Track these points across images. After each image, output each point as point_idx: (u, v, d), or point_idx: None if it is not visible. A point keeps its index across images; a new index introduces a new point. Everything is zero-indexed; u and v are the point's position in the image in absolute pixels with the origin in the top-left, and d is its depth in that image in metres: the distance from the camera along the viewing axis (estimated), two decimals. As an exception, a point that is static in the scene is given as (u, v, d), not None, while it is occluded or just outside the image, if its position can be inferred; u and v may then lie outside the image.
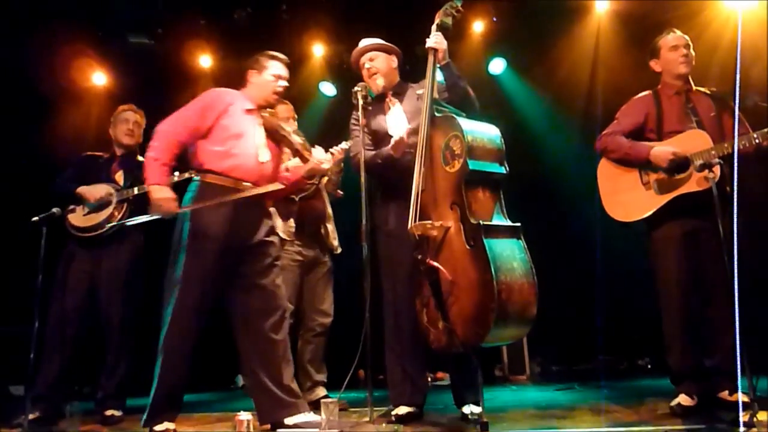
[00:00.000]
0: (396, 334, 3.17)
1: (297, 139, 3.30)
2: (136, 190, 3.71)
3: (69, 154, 4.01)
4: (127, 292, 3.77)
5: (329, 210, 4.03)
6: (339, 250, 4.01)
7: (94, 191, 3.71)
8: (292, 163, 3.40)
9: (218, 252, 2.92)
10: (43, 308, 3.41)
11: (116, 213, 3.71)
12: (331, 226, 4.01)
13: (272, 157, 3.17)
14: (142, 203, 3.77)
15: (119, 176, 3.84)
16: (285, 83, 3.22)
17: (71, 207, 3.56)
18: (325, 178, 3.97)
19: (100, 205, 3.71)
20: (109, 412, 3.65)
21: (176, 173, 3.64)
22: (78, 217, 3.69)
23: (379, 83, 3.28)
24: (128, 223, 3.23)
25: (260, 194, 3.06)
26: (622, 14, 5.48)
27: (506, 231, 2.79)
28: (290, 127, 3.37)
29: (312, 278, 3.75)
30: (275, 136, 3.18)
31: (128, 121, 3.95)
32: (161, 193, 2.89)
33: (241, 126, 3.08)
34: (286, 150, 3.39)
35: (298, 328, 3.86)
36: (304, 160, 3.26)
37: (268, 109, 3.23)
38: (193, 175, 3.18)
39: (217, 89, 3.15)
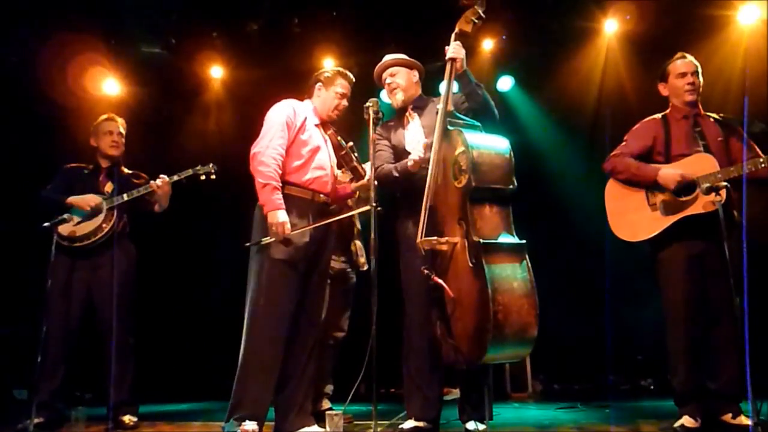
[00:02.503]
0: (411, 348, 3.18)
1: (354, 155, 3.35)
2: (125, 197, 3.76)
3: (79, 162, 4.03)
4: (125, 299, 3.79)
5: (358, 226, 4.02)
6: (365, 267, 3.97)
7: (85, 201, 3.74)
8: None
9: (299, 261, 3.02)
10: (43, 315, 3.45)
11: (105, 224, 3.74)
12: (359, 243, 4.00)
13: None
14: (134, 211, 3.88)
15: (108, 188, 3.87)
16: (345, 103, 3.28)
17: (61, 217, 3.57)
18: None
19: (91, 214, 3.74)
20: (126, 418, 3.69)
21: (170, 176, 3.74)
22: (68, 228, 3.70)
23: (398, 98, 3.31)
24: (255, 245, 3.10)
25: (330, 202, 3.19)
26: (630, 36, 5.51)
27: (509, 249, 2.75)
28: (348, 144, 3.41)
29: (335, 292, 3.72)
30: (337, 151, 3.26)
31: (112, 132, 3.94)
32: (278, 218, 2.93)
33: (317, 140, 3.17)
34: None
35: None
36: (359, 176, 3.30)
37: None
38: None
39: (290, 102, 3.19)
